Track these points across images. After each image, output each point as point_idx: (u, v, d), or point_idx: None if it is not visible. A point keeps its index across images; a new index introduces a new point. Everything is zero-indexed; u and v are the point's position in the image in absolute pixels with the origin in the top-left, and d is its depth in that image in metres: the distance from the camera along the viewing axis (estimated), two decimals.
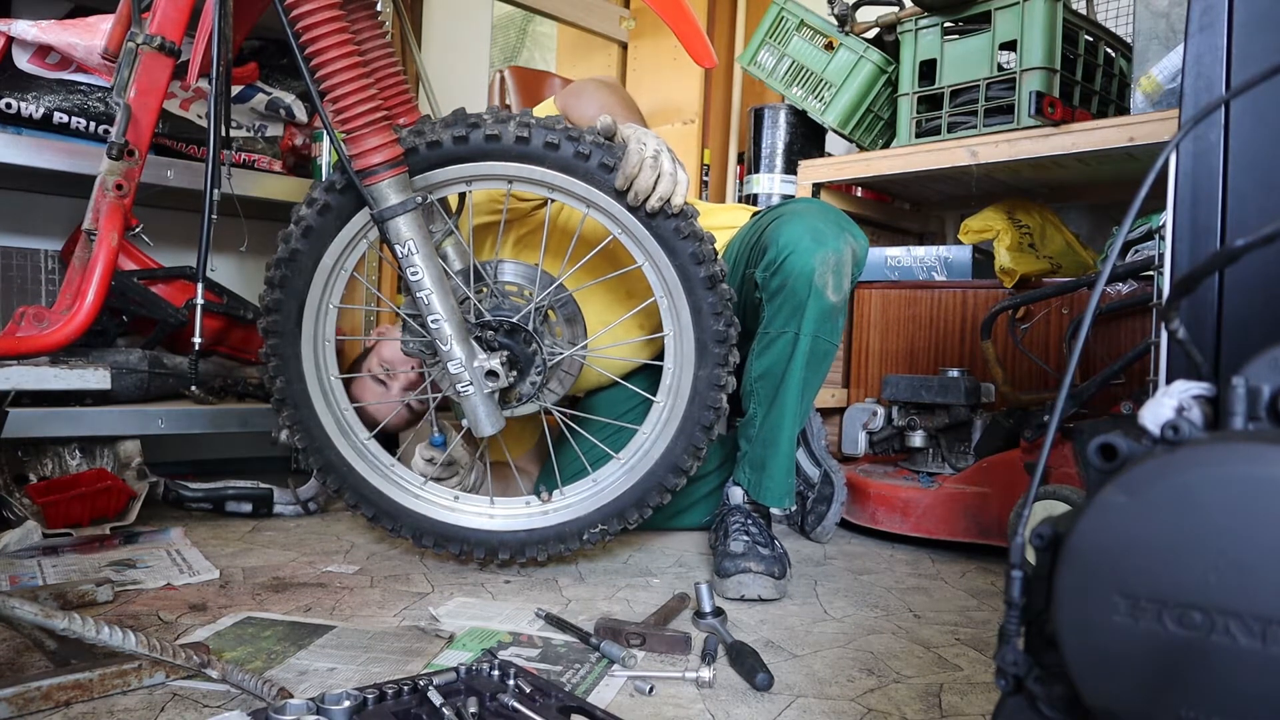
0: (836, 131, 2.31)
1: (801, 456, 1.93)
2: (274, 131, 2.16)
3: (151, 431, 1.87)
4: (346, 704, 0.85)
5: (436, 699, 0.89)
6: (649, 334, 1.65)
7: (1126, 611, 0.48)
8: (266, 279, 1.48)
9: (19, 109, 1.75)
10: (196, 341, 1.35)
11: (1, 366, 1.15)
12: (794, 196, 2.41)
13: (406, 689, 0.89)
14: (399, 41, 2.49)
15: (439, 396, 1.54)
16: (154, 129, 1.32)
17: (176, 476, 1.94)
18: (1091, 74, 2.08)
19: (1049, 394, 1.96)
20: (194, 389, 1.71)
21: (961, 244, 2.22)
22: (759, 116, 2.55)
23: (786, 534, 1.92)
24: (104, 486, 1.70)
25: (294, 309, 1.48)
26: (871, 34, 2.29)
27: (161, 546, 1.61)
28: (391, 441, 1.84)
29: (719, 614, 1.26)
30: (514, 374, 1.44)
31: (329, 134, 1.35)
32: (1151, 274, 1.78)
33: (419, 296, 1.37)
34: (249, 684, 0.95)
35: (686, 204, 1.39)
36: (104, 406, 1.83)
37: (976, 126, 2.04)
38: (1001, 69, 2.02)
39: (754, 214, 1.75)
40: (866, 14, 2.31)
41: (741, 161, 2.91)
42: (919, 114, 2.17)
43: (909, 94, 2.17)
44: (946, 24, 2.11)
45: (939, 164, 2.09)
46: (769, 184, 2.53)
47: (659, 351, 1.52)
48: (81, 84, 1.81)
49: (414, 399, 1.72)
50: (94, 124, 1.81)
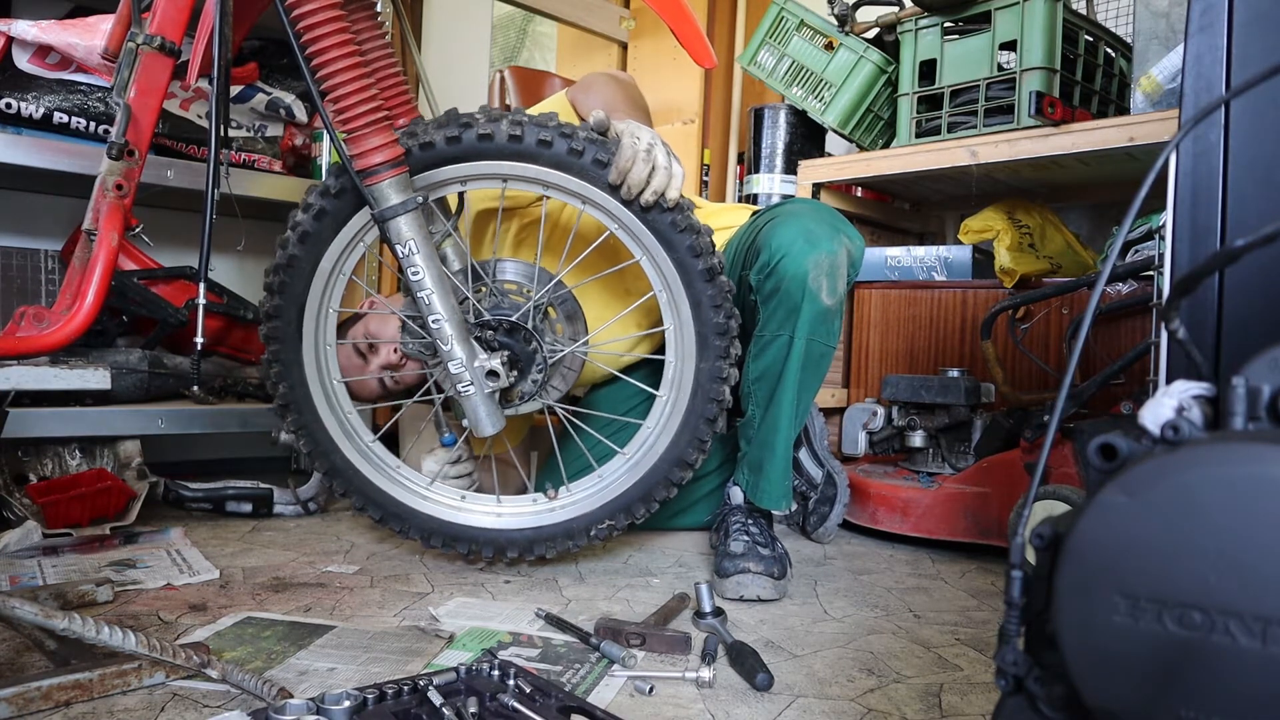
0: (836, 131, 2.31)
1: (804, 457, 1.93)
2: (274, 131, 2.16)
3: (151, 431, 1.87)
4: (346, 704, 0.85)
5: (436, 699, 0.89)
6: (649, 329, 1.65)
7: (1126, 611, 0.48)
8: (266, 285, 1.48)
9: (19, 109, 1.75)
10: (199, 341, 1.35)
11: (1, 366, 1.15)
12: (794, 196, 2.41)
13: (406, 689, 0.89)
14: (399, 41, 2.49)
15: (443, 396, 1.54)
16: (154, 129, 1.32)
17: (176, 476, 1.94)
18: (1091, 74, 2.08)
19: (1049, 394, 1.96)
20: (195, 389, 1.71)
21: (961, 244, 2.22)
22: (759, 116, 2.55)
23: (787, 534, 1.92)
24: (104, 486, 1.70)
25: (294, 314, 1.48)
26: (871, 34, 2.29)
27: (161, 546, 1.61)
28: (394, 442, 1.83)
29: (719, 614, 1.26)
30: (514, 373, 1.44)
31: (329, 134, 1.35)
32: (1151, 274, 1.78)
33: (420, 297, 1.37)
34: (249, 684, 0.95)
35: (683, 197, 1.39)
36: (104, 406, 1.83)
37: (976, 126, 2.04)
38: (1001, 69, 2.02)
39: (753, 214, 1.75)
40: (866, 14, 2.31)
41: (741, 161, 2.91)
42: (919, 114, 2.17)
43: (909, 94, 2.17)
44: (946, 24, 2.11)
45: (939, 164, 2.09)
46: (769, 184, 2.53)
47: (659, 345, 1.52)
48: (81, 84, 1.81)
49: (389, 377, 1.69)
50: (94, 124, 1.81)
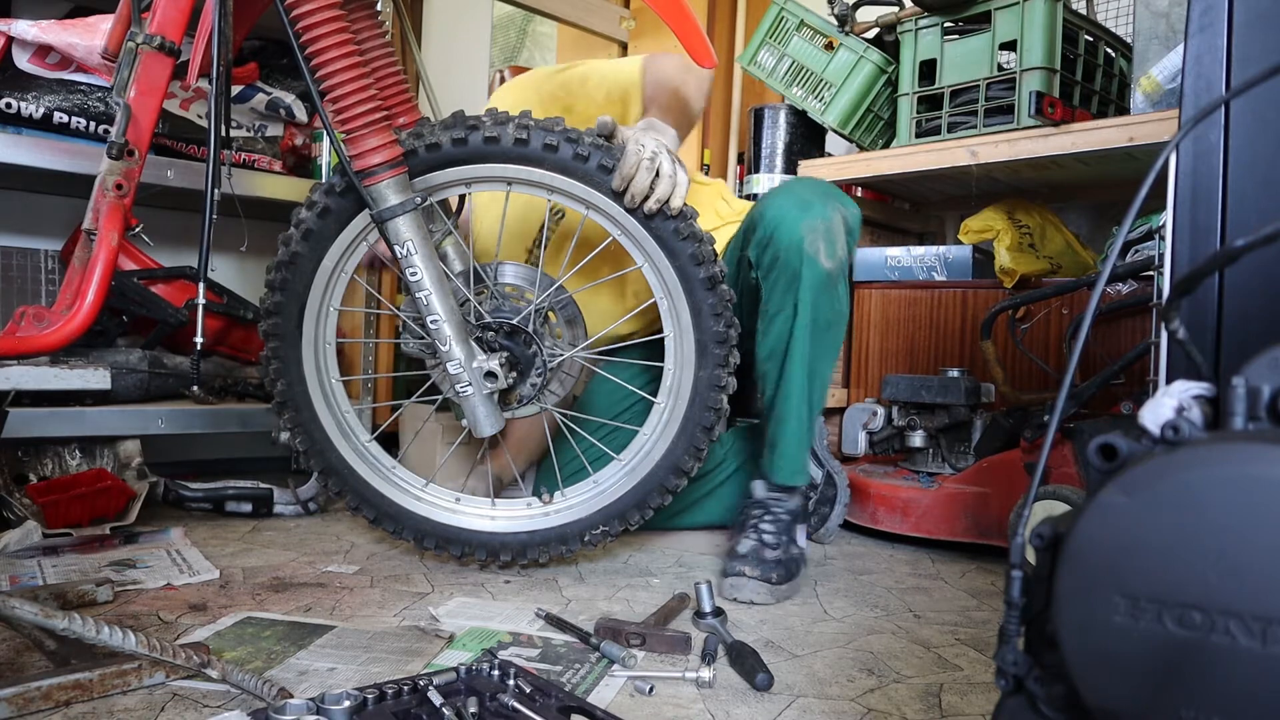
0: (836, 131, 2.31)
1: None
2: (274, 131, 2.16)
3: (151, 431, 1.87)
4: (346, 704, 0.85)
5: (436, 699, 0.89)
6: (649, 334, 1.66)
7: (1126, 611, 0.48)
8: (267, 282, 1.48)
9: (19, 109, 1.75)
10: (198, 341, 1.35)
11: (1, 366, 1.15)
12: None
13: (406, 689, 0.89)
14: (399, 41, 2.49)
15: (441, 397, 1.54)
16: (154, 129, 1.32)
17: (176, 476, 1.94)
18: (1091, 74, 2.08)
19: (1049, 394, 1.96)
20: (195, 389, 1.71)
21: (961, 244, 2.22)
22: (759, 116, 2.55)
23: None
24: (104, 486, 1.70)
25: (294, 312, 1.48)
26: (871, 34, 2.29)
27: (161, 546, 1.61)
28: (392, 443, 1.84)
29: (719, 614, 1.26)
30: (513, 375, 1.44)
31: (329, 134, 1.35)
32: (1151, 274, 1.78)
33: (418, 297, 1.37)
34: (249, 684, 0.95)
35: (685, 205, 1.39)
36: (104, 406, 1.83)
37: (976, 126, 2.04)
38: (1001, 69, 2.02)
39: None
40: (866, 14, 2.30)
41: (741, 161, 2.91)
42: (919, 114, 2.17)
43: (909, 94, 2.17)
44: (946, 24, 2.11)
45: (939, 164, 2.09)
46: (769, 184, 2.52)
47: (653, 326, 1.52)
48: (81, 84, 1.81)
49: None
50: (94, 124, 1.81)
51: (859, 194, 2.56)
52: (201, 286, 1.35)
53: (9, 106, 1.74)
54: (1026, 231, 2.15)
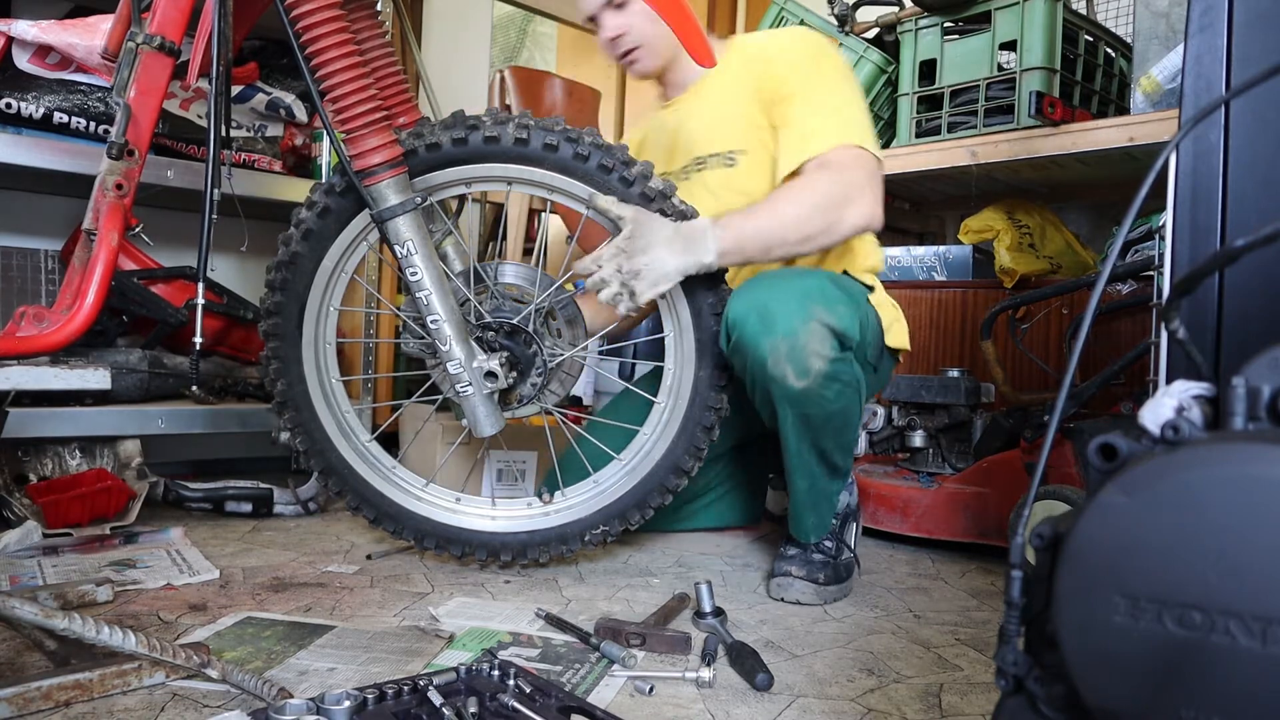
0: None
1: None
2: (274, 131, 2.16)
3: (151, 431, 1.87)
4: (346, 704, 0.85)
5: (436, 699, 0.89)
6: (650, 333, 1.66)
7: (1126, 611, 0.48)
8: (267, 282, 1.48)
9: (19, 109, 1.75)
10: (198, 341, 1.35)
11: (1, 366, 1.15)
12: None
13: (406, 689, 0.89)
14: (399, 41, 2.49)
15: (442, 397, 1.54)
16: (154, 129, 1.32)
17: (176, 476, 1.94)
18: (1091, 74, 2.08)
19: (1049, 394, 1.96)
20: (195, 389, 1.71)
21: (961, 244, 2.22)
22: None
23: None
24: (104, 486, 1.70)
25: (295, 312, 1.48)
26: (871, 34, 2.29)
27: (161, 546, 1.61)
28: (392, 443, 1.84)
29: (719, 614, 1.26)
30: (514, 375, 1.44)
31: (329, 134, 1.35)
32: (1151, 274, 1.78)
33: (418, 297, 1.37)
34: (249, 684, 0.95)
35: (684, 204, 1.39)
36: (104, 406, 1.83)
37: (976, 126, 2.04)
38: (1001, 69, 2.02)
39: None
40: (866, 14, 2.30)
41: None
42: (919, 114, 2.17)
43: (909, 94, 2.17)
44: (946, 24, 2.11)
45: (939, 164, 2.09)
46: None
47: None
48: (81, 84, 1.81)
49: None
50: (94, 124, 1.81)
51: None
52: (200, 286, 1.35)
53: (9, 106, 1.74)
54: (1026, 231, 2.15)
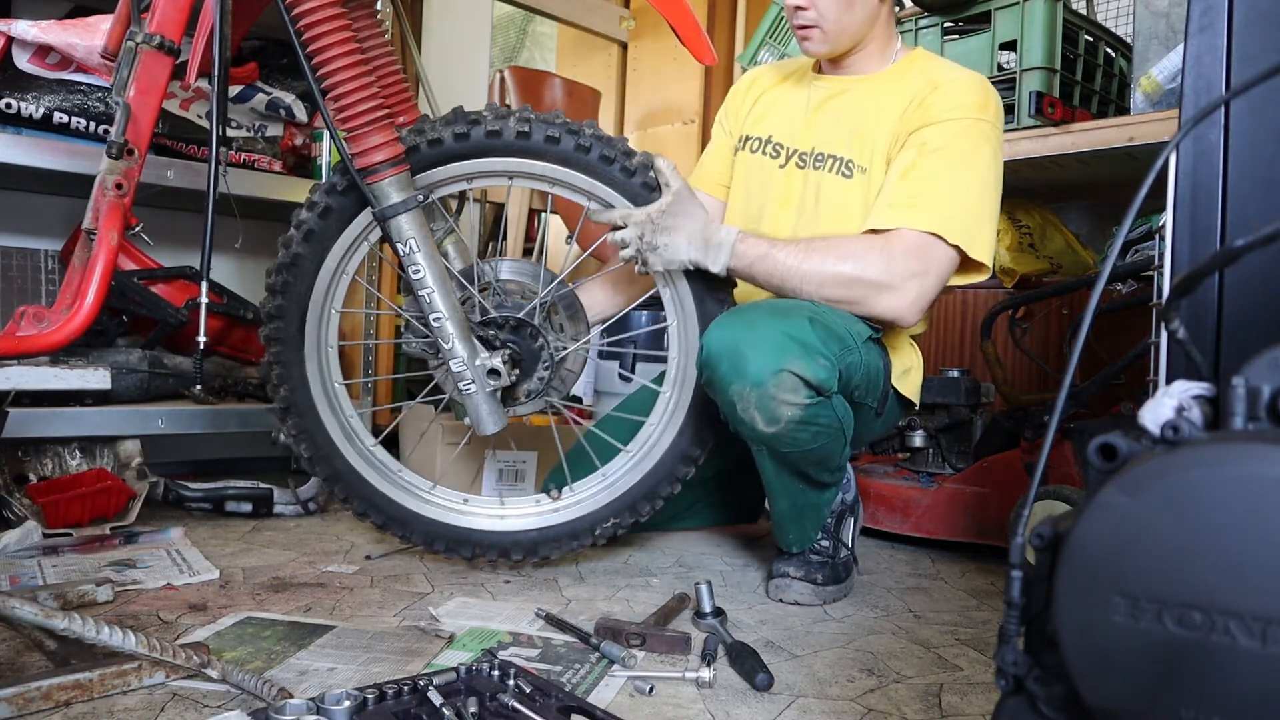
0: None
1: None
2: (274, 131, 2.16)
3: (151, 431, 1.87)
4: (346, 704, 0.85)
5: (436, 699, 0.89)
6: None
7: (1126, 611, 0.48)
8: (268, 285, 1.45)
9: (19, 109, 1.75)
10: (201, 341, 1.34)
11: (1, 366, 1.15)
12: None
13: (406, 689, 0.89)
14: (399, 41, 2.49)
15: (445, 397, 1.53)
16: (154, 128, 1.32)
17: (176, 476, 1.94)
18: (1091, 74, 2.08)
19: (1049, 394, 1.96)
20: (196, 389, 1.70)
21: None
22: None
23: None
24: (104, 486, 1.70)
25: (296, 315, 1.45)
26: None
27: (161, 546, 1.61)
28: (392, 444, 1.83)
29: (719, 614, 1.26)
30: (516, 372, 1.44)
31: (330, 132, 1.35)
32: (1151, 274, 1.78)
33: (421, 295, 1.36)
34: (249, 684, 0.95)
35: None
36: (104, 406, 1.83)
37: None
38: (1001, 69, 2.02)
39: None
40: None
41: None
42: None
43: None
44: (946, 24, 2.11)
45: None
46: None
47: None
48: (81, 84, 1.81)
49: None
50: (94, 124, 1.81)
51: None
52: (204, 286, 1.35)
53: (9, 106, 1.74)
54: (1026, 231, 2.15)
